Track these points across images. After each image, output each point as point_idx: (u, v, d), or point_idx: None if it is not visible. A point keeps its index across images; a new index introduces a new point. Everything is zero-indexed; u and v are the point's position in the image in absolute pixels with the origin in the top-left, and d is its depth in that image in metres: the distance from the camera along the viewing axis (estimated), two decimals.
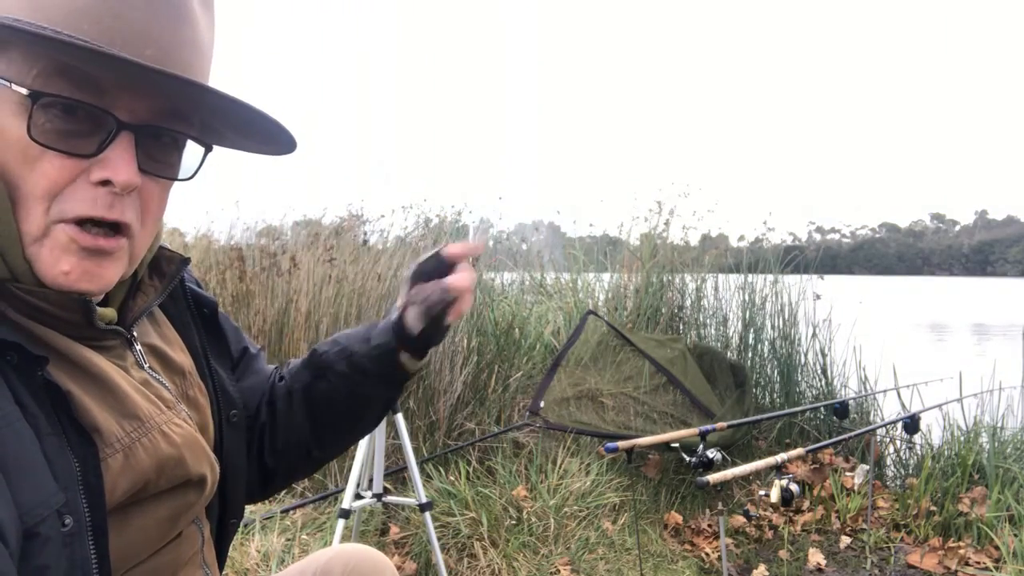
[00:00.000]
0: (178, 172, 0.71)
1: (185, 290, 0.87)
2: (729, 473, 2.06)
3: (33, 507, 0.55)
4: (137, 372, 0.73)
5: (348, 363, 0.92)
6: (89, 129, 0.62)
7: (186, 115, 0.68)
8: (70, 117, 0.61)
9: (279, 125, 0.70)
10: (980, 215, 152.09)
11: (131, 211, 0.66)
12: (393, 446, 3.04)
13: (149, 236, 0.71)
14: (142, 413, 0.69)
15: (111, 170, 0.62)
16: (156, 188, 0.69)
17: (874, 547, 3.04)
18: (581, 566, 2.71)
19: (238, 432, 0.88)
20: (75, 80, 0.61)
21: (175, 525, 0.74)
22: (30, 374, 0.59)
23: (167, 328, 0.83)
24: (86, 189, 0.62)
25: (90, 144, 0.62)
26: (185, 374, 0.81)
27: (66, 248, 0.63)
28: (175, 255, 0.80)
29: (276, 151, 0.77)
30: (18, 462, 0.55)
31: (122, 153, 0.63)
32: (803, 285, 4.65)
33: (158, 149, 0.67)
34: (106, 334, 0.70)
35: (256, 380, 0.97)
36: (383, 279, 3.73)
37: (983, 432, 3.59)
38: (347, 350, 0.92)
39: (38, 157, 0.61)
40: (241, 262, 3.67)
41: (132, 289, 0.76)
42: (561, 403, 3.47)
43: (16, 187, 0.61)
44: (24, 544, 0.54)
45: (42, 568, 0.55)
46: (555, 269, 6.12)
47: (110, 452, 0.64)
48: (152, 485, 0.68)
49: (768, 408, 4.30)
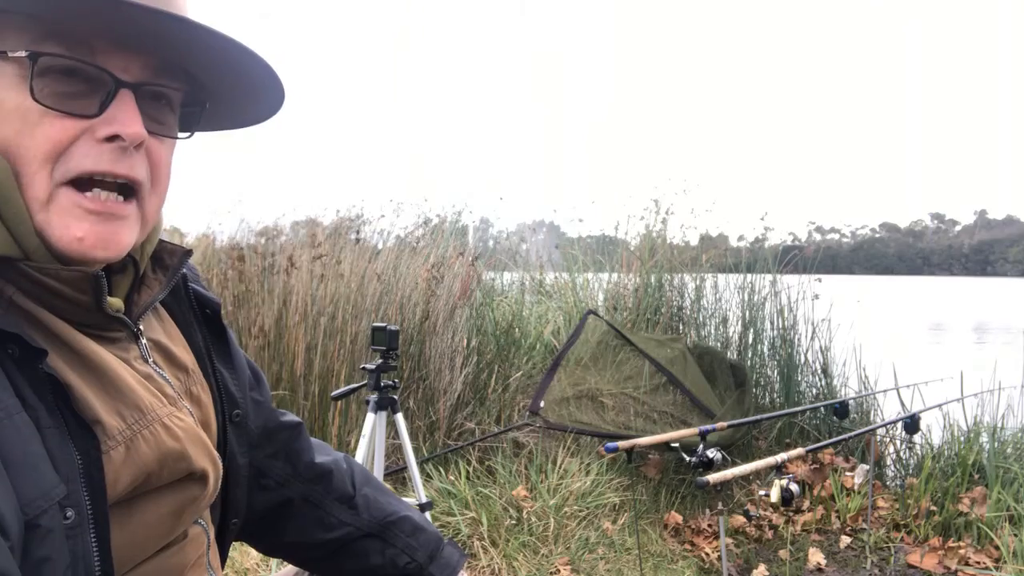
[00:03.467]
0: (176, 132, 0.71)
1: (188, 289, 0.86)
2: (729, 473, 2.06)
3: (34, 499, 0.55)
4: (141, 366, 0.72)
5: (407, 561, 0.97)
6: (88, 90, 0.63)
7: (176, 73, 0.68)
8: (68, 79, 0.62)
9: (268, 67, 0.70)
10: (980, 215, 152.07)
11: (141, 168, 0.66)
12: (393, 446, 3.04)
13: (159, 201, 0.71)
14: (144, 405, 0.68)
15: (119, 124, 0.63)
16: (163, 149, 0.69)
17: (874, 547, 3.04)
18: (581, 566, 2.71)
19: (241, 431, 0.88)
20: (67, 43, 0.61)
21: (179, 521, 0.74)
22: (31, 366, 0.59)
23: (170, 325, 0.83)
24: (91, 146, 0.63)
25: (91, 104, 0.63)
26: (188, 371, 0.81)
27: (73, 213, 0.62)
28: (177, 248, 0.80)
29: (264, 110, 0.77)
30: (18, 454, 0.55)
31: (126, 109, 0.63)
32: (803, 285, 4.65)
33: (155, 109, 0.68)
34: (112, 323, 0.70)
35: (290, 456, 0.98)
36: (383, 279, 3.73)
37: (983, 432, 3.58)
38: (415, 551, 0.98)
39: (38, 122, 0.61)
40: (241, 262, 3.67)
41: (135, 282, 0.76)
42: (561, 403, 3.47)
43: (18, 156, 0.61)
44: (26, 536, 0.54)
45: (44, 560, 0.55)
46: (553, 269, 6.13)
47: (112, 444, 0.64)
48: (155, 478, 0.68)
49: (768, 408, 4.30)
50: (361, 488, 1.00)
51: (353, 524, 0.97)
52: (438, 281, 3.79)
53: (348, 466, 1.02)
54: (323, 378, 3.43)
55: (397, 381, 2.49)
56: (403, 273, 3.84)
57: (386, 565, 0.96)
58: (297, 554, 0.99)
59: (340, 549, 0.97)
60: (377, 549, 0.97)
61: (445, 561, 0.98)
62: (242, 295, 3.61)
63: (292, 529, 0.96)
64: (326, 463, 0.99)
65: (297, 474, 0.97)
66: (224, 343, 0.89)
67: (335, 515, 0.97)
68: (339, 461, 1.01)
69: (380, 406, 2.36)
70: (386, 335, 2.35)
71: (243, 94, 0.74)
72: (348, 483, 0.99)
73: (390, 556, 0.96)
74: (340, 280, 3.64)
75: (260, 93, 0.74)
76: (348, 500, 0.98)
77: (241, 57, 0.68)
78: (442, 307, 3.73)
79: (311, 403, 3.39)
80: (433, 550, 0.98)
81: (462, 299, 3.82)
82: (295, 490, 0.96)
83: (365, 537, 0.97)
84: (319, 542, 0.96)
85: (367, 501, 0.99)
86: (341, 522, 0.96)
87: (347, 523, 0.97)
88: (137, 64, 0.65)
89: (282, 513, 0.96)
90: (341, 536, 0.96)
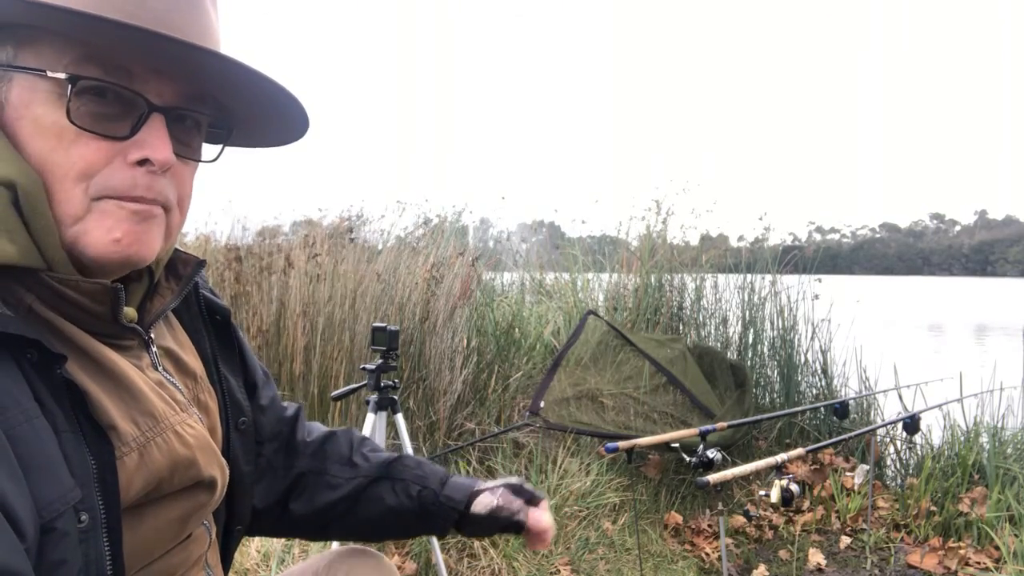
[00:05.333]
0: (201, 155, 0.74)
1: (198, 296, 0.87)
2: (729, 473, 2.06)
3: (51, 502, 0.56)
4: (152, 373, 0.74)
5: (419, 489, 0.99)
6: (122, 112, 0.64)
7: (205, 99, 0.70)
8: (103, 101, 0.63)
9: (295, 100, 0.72)
10: (980, 215, 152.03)
11: (170, 191, 0.68)
12: (393, 446, 3.04)
13: (181, 220, 0.73)
14: (157, 413, 0.69)
15: (149, 149, 0.65)
16: (187, 171, 0.71)
17: (874, 547, 3.04)
18: (581, 566, 2.70)
19: (246, 439, 0.89)
20: (105, 67, 0.63)
21: (186, 526, 0.75)
22: (49, 371, 0.59)
23: (180, 332, 0.84)
24: (124, 170, 0.64)
25: (124, 127, 0.64)
26: (196, 378, 0.82)
27: (116, 215, 0.64)
28: (191, 257, 0.81)
29: (288, 135, 0.80)
30: (36, 458, 0.55)
31: (157, 133, 0.65)
32: (803, 285, 4.65)
33: (183, 132, 0.70)
34: (126, 333, 0.71)
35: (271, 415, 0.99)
36: (382, 279, 3.73)
37: (983, 432, 3.58)
38: (425, 479, 1.00)
39: (74, 141, 0.62)
40: (239, 262, 3.66)
41: (149, 291, 0.77)
42: (561, 403, 3.47)
43: (51, 173, 0.62)
44: (41, 539, 0.55)
45: (59, 563, 0.56)
46: (553, 269, 6.12)
47: (126, 451, 0.65)
48: (166, 484, 0.69)
49: (768, 408, 4.30)
50: (358, 447, 1.04)
51: (357, 476, 1.00)
52: (438, 281, 3.79)
53: (346, 435, 1.05)
54: (322, 378, 3.43)
55: (397, 381, 2.48)
56: (403, 273, 3.84)
57: (401, 500, 0.99)
58: (314, 526, 1.01)
59: (353, 503, 0.99)
60: (388, 488, 0.99)
61: (458, 483, 1.01)
62: (240, 295, 3.61)
63: (303, 503, 0.99)
64: (322, 435, 1.04)
65: (299, 453, 1.00)
66: (231, 350, 0.90)
67: (338, 475, 1.00)
68: (335, 431, 1.05)
69: (380, 406, 2.36)
70: (386, 335, 2.35)
71: (268, 121, 0.77)
72: (344, 446, 1.03)
73: (402, 490, 0.99)
74: (339, 280, 3.64)
75: (286, 121, 0.77)
76: (347, 460, 1.01)
77: (270, 89, 0.70)
78: (442, 307, 3.73)
79: (310, 403, 3.39)
80: (443, 476, 1.01)
81: (462, 299, 3.82)
82: (300, 466, 1.00)
83: (373, 483, 1.00)
84: (330, 503, 0.99)
85: (365, 457, 1.02)
86: (345, 479, 0.99)
87: (351, 477, 1.00)
88: (171, 90, 0.67)
89: (291, 493, 0.99)
90: (350, 491, 0.99)
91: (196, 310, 0.87)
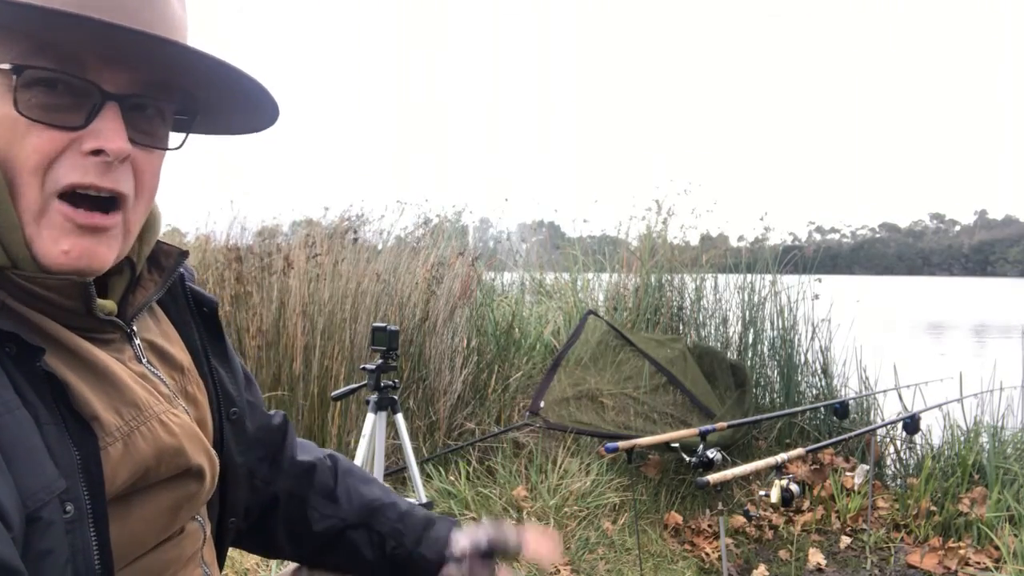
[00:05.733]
0: (166, 143, 0.72)
1: (185, 288, 0.87)
2: (729, 473, 2.06)
3: (35, 492, 0.56)
4: (135, 366, 0.73)
5: (394, 546, 0.96)
6: (75, 102, 0.63)
7: (168, 87, 0.69)
8: (53, 92, 0.62)
9: (262, 87, 0.71)
10: (980, 215, 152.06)
11: (125, 181, 0.67)
12: (393, 446, 3.04)
13: (144, 210, 0.71)
14: (140, 402, 0.69)
15: (103, 139, 0.63)
16: (149, 160, 0.69)
17: (874, 547, 3.04)
18: (581, 566, 2.70)
19: (238, 430, 0.88)
20: (56, 57, 0.62)
21: (177, 516, 0.74)
22: (28, 364, 0.59)
23: (167, 325, 0.83)
24: (77, 158, 0.63)
25: (77, 117, 0.63)
26: (184, 370, 0.81)
27: (63, 227, 0.63)
28: (173, 248, 0.81)
29: (259, 122, 0.78)
30: (19, 448, 0.55)
31: (110, 123, 0.64)
32: (803, 285, 4.65)
33: (144, 121, 0.68)
34: (105, 326, 0.70)
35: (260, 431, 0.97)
36: (382, 279, 3.73)
37: (983, 432, 3.58)
38: (402, 535, 0.96)
39: (25, 133, 0.61)
40: (239, 263, 3.66)
41: (132, 283, 0.76)
42: (561, 403, 3.47)
43: (11, 168, 0.62)
44: (27, 529, 0.55)
45: (45, 553, 0.56)
46: (553, 269, 6.12)
47: (110, 441, 0.64)
48: (152, 473, 0.69)
49: (768, 408, 4.30)
50: (343, 479, 1.00)
51: (336, 516, 0.97)
52: (438, 281, 3.79)
53: (331, 462, 1.02)
54: (322, 378, 3.43)
55: (397, 381, 2.49)
56: (403, 273, 3.84)
57: (376, 555, 0.96)
58: (291, 551, 0.99)
59: (329, 544, 0.97)
60: (364, 539, 0.96)
61: (434, 538, 0.97)
62: (240, 295, 3.61)
63: (281, 525, 0.97)
64: (309, 460, 1.00)
65: (283, 471, 0.98)
66: (221, 342, 0.90)
67: (318, 509, 0.97)
68: (322, 458, 1.02)
69: (380, 406, 2.36)
70: (386, 335, 2.35)
71: (235, 108, 0.75)
72: (330, 477, 1.00)
73: (377, 544, 0.96)
74: (339, 280, 3.64)
75: (254, 108, 0.75)
76: (330, 493, 0.98)
77: (231, 75, 0.68)
78: (442, 307, 3.73)
79: (310, 403, 3.38)
80: (420, 531, 0.97)
81: (462, 299, 3.82)
82: (281, 486, 0.97)
83: (351, 528, 0.97)
84: (307, 536, 0.97)
85: (348, 492, 0.99)
86: (324, 515, 0.97)
87: (330, 515, 0.97)
88: (127, 78, 0.65)
89: (271, 511, 0.97)
90: (327, 529, 0.96)
91: (184, 302, 0.86)
